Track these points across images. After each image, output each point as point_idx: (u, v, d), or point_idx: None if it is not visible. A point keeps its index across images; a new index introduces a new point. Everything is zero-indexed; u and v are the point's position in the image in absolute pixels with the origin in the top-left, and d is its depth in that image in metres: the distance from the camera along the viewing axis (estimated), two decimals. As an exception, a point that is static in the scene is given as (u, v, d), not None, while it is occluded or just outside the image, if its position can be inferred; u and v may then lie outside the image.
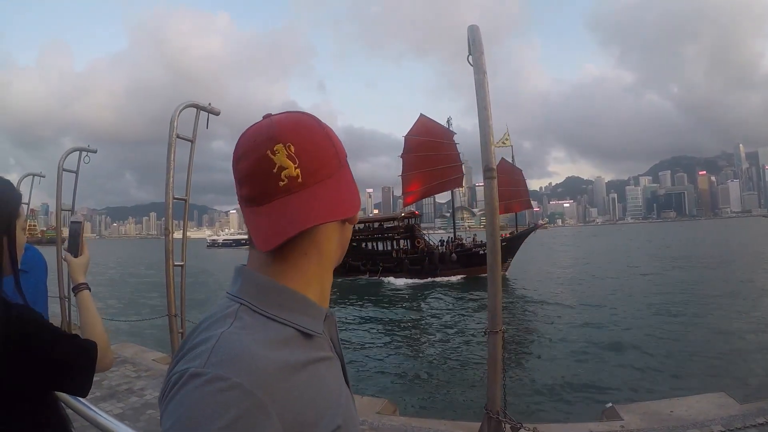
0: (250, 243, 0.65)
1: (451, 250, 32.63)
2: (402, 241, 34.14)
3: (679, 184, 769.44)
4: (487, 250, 3.75)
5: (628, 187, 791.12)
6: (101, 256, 79.08)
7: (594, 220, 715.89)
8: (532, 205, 42.40)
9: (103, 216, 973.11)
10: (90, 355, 1.24)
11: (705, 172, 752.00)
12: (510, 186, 37.14)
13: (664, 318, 15.55)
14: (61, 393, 1.44)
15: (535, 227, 40.59)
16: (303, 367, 0.55)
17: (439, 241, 35.03)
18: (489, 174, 3.54)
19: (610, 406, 5.02)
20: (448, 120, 38.03)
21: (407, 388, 9.72)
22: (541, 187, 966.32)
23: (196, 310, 11.14)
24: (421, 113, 37.44)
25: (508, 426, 3.79)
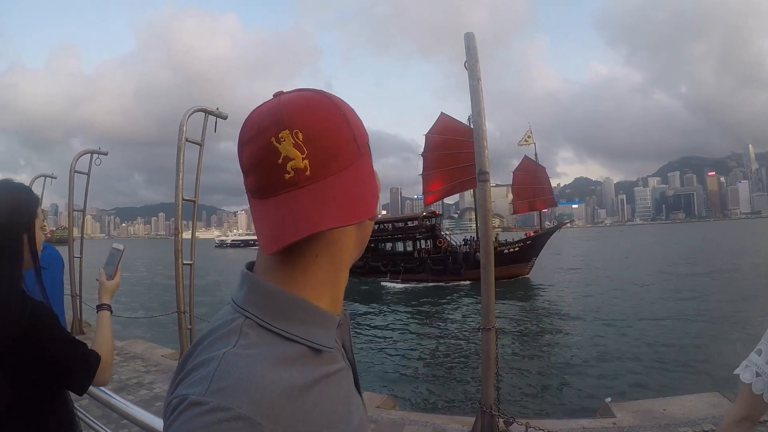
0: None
1: (475, 249, 30.89)
2: (423, 241, 33.26)
3: (688, 185, 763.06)
4: (480, 251, 3.89)
5: (636, 188, 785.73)
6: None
7: (602, 221, 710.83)
8: (555, 202, 39.52)
9: (111, 216, 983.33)
10: (90, 364, 1.32)
11: (714, 173, 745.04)
12: (534, 184, 36.16)
13: (666, 320, 15.65)
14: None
15: (559, 226, 38.84)
16: (312, 386, 0.52)
17: (463, 240, 33.99)
18: (482, 177, 3.69)
19: (609, 400, 5.15)
20: (469, 118, 36.18)
21: (407, 384, 9.95)
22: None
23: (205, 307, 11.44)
24: (442, 112, 36.14)
25: (501, 420, 3.92)
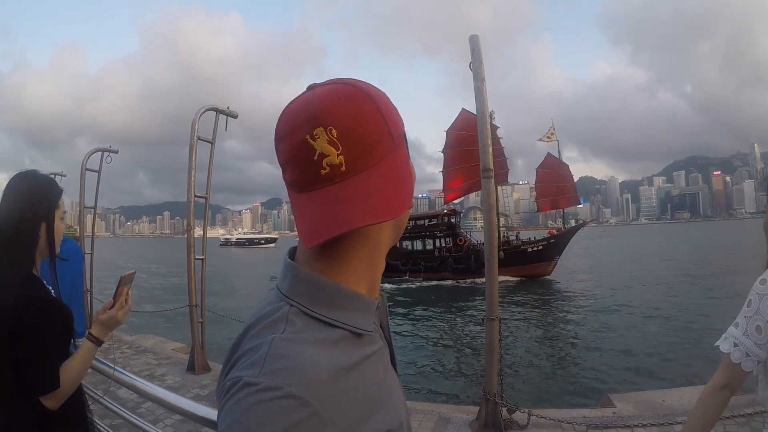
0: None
1: (498, 248, 30.20)
2: (443, 239, 32.52)
3: (693, 185, 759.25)
4: (485, 245, 4.03)
5: (641, 187, 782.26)
6: (121, 253, 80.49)
7: (608, 221, 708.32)
8: (579, 200, 38.79)
9: (117, 215, 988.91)
10: (41, 387, 1.29)
11: (719, 172, 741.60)
12: (557, 182, 35.67)
13: (669, 317, 15.79)
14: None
15: (583, 224, 37.46)
16: (354, 367, 0.54)
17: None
18: (487, 174, 3.83)
19: (608, 393, 5.27)
20: (491, 114, 35.06)
21: (414, 375, 10.20)
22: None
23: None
24: (463, 107, 35.02)
25: (504, 409, 4.05)
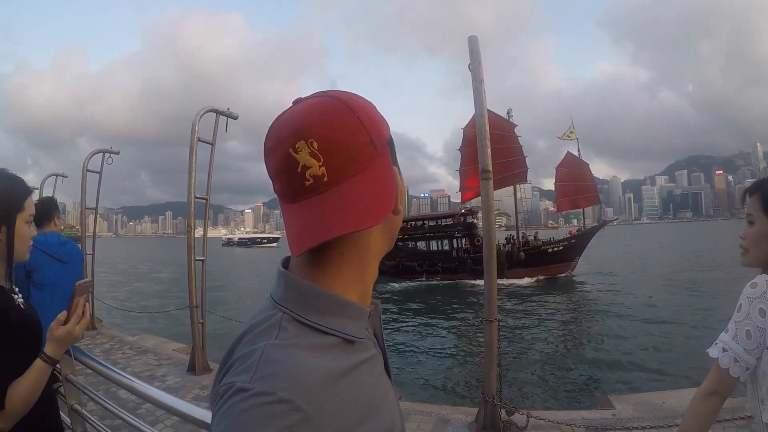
0: None
1: (518, 248, 30.23)
2: (460, 239, 31.70)
3: (695, 184, 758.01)
4: (483, 245, 4.03)
5: (644, 186, 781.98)
6: (120, 253, 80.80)
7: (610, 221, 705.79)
8: (600, 200, 37.98)
9: (119, 215, 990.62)
10: None
11: (722, 172, 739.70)
12: (576, 181, 35.13)
13: (669, 317, 15.80)
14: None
15: (604, 224, 36.05)
16: (346, 374, 0.55)
17: (505, 238, 32.58)
18: (485, 175, 3.83)
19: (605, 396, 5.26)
20: (509, 111, 35.37)
21: (413, 376, 10.21)
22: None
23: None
24: None
25: (503, 410, 4.05)
